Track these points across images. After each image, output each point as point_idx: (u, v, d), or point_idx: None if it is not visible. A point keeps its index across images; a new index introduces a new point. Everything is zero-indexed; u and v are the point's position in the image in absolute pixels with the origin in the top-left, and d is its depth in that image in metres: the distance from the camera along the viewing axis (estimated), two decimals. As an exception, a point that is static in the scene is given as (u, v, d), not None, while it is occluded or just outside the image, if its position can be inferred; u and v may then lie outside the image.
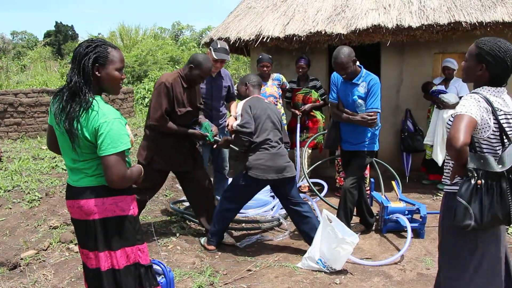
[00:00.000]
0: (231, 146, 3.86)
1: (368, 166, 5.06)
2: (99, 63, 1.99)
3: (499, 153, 2.04)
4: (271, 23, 6.15)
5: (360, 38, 5.69)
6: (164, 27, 25.17)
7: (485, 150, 2.05)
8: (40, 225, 4.28)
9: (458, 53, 5.88)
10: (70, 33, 42.52)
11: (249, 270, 3.44)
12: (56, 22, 42.31)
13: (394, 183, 4.89)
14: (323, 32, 5.71)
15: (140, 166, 2.19)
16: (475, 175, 1.93)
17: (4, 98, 8.52)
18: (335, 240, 3.32)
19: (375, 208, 4.64)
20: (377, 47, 6.28)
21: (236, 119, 3.83)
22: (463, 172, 2.00)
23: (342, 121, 3.99)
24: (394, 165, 5.70)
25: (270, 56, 5.48)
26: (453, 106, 4.84)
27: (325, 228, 3.45)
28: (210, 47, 4.38)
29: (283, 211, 4.50)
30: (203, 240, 3.94)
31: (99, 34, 23.00)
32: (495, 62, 2.05)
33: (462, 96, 2.30)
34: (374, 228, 4.36)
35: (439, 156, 5.32)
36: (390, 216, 4.18)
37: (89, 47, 1.98)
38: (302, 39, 5.81)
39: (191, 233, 4.24)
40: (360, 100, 3.85)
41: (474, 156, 1.97)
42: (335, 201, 4.78)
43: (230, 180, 4.34)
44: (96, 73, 2.00)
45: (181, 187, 4.36)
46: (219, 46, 4.33)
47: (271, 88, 5.42)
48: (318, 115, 5.72)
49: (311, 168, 5.55)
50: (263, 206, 4.97)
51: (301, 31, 5.84)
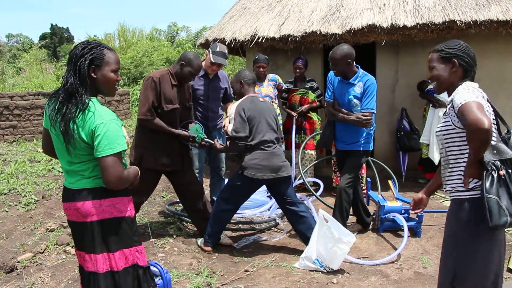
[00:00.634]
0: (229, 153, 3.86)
1: (365, 165, 5.08)
2: (95, 64, 2.00)
3: (498, 140, 2.01)
4: (266, 24, 6.16)
5: (355, 38, 5.70)
6: (160, 29, 25.15)
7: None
8: (37, 227, 4.27)
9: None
10: (66, 35, 42.45)
11: (246, 271, 3.44)
12: (52, 25, 42.21)
13: (390, 182, 4.90)
14: (318, 32, 5.73)
15: (137, 167, 2.19)
16: (494, 167, 1.86)
17: (0, 101, 8.49)
18: (331, 239, 3.33)
19: (372, 208, 4.65)
20: (372, 47, 6.31)
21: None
22: (478, 171, 1.91)
23: (337, 120, 4.00)
24: (391, 164, 5.70)
25: (267, 57, 5.48)
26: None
27: (321, 228, 3.46)
28: (209, 49, 4.35)
29: (279, 211, 4.51)
30: (200, 241, 3.94)
31: (94, 36, 22.93)
32: (462, 53, 2.07)
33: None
34: (370, 227, 4.37)
35: (435, 154, 5.33)
36: (387, 215, 4.19)
37: (85, 49, 1.99)
38: (297, 39, 5.83)
39: (188, 234, 4.23)
40: (355, 100, 3.86)
41: None
42: (331, 200, 4.78)
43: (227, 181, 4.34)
44: (92, 74, 2.00)
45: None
46: (218, 49, 4.29)
47: (267, 88, 5.42)
48: (314, 116, 5.72)
49: (307, 168, 5.54)
50: (260, 206, 4.98)
51: (296, 31, 5.85)
